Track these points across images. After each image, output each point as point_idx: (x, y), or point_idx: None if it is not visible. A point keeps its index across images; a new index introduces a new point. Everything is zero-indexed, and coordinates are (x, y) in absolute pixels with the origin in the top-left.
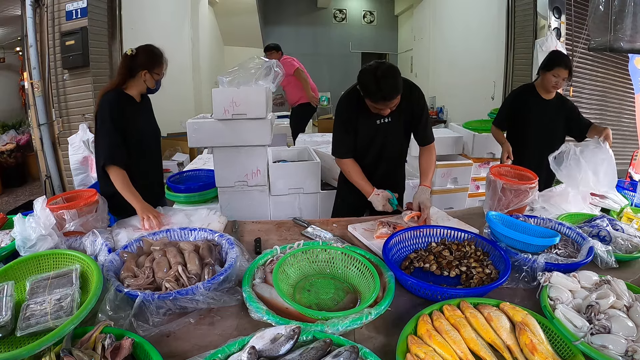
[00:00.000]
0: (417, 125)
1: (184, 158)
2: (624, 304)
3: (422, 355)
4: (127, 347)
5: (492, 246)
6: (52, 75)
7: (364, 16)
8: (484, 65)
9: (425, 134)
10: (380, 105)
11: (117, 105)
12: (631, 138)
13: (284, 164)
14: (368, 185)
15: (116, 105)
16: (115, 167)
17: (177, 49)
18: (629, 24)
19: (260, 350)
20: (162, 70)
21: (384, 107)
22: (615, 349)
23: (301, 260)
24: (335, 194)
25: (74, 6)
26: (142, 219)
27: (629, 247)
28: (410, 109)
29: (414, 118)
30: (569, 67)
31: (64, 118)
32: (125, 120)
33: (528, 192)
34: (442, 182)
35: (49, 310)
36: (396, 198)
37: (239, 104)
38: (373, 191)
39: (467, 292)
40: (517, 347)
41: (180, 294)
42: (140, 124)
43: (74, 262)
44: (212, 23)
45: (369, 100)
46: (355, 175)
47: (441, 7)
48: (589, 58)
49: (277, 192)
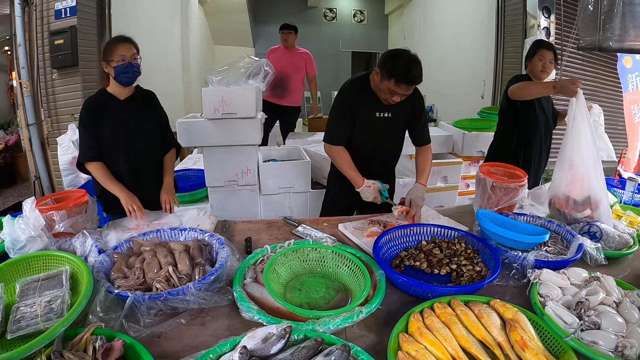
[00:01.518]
0: (416, 124)
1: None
2: (613, 300)
3: (414, 353)
4: (118, 349)
5: (482, 244)
6: (41, 75)
7: (354, 15)
8: (474, 64)
9: (423, 134)
10: (400, 89)
11: (88, 106)
12: (620, 136)
13: (274, 163)
14: (358, 176)
15: (86, 107)
16: (91, 163)
17: (167, 48)
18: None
19: (251, 350)
20: (118, 54)
21: (402, 93)
22: (605, 344)
23: (292, 260)
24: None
25: (63, 5)
26: (127, 210)
27: (619, 244)
28: (412, 107)
29: (414, 117)
30: (553, 49)
31: (52, 118)
32: (100, 120)
33: (517, 190)
34: (432, 181)
35: (40, 313)
36: (387, 190)
37: (229, 103)
38: (364, 182)
39: (457, 289)
40: (507, 343)
41: (171, 295)
42: (119, 121)
43: (63, 263)
44: (202, 22)
45: (392, 83)
46: (345, 165)
47: (431, 7)
48: (578, 57)
49: (268, 192)
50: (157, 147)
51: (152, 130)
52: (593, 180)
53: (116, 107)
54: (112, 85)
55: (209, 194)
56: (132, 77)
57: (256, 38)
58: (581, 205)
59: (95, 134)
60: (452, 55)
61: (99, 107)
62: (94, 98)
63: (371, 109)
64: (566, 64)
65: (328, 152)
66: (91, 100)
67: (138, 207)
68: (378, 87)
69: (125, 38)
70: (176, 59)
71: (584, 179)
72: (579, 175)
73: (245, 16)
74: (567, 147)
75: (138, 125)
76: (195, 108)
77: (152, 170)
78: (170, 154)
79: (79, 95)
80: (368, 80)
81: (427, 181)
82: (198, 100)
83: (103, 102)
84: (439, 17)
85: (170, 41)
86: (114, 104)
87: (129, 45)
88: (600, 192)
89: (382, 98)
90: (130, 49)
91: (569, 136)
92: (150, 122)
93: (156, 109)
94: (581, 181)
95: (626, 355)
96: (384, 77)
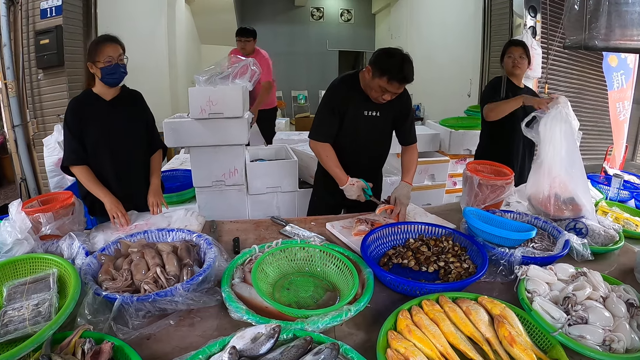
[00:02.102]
0: (403, 123)
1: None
2: (600, 295)
3: (403, 350)
4: (107, 351)
5: (470, 241)
6: (26, 75)
7: (342, 14)
8: (461, 63)
9: (410, 133)
10: (392, 87)
11: (73, 107)
12: (606, 134)
13: (261, 163)
14: (342, 173)
15: (71, 107)
16: (75, 167)
17: (153, 47)
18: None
19: (241, 350)
20: (105, 55)
21: (393, 91)
22: (592, 338)
23: (280, 259)
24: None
25: (49, 4)
26: (111, 216)
27: (605, 239)
28: (399, 107)
29: (402, 116)
30: (521, 44)
31: (38, 119)
32: (84, 121)
33: (504, 187)
34: (419, 179)
35: (27, 316)
36: (371, 188)
37: (215, 102)
38: (347, 180)
39: (445, 286)
40: (496, 339)
41: (159, 296)
42: (105, 122)
43: (51, 266)
44: (188, 21)
45: (384, 80)
46: (331, 161)
47: (418, 6)
48: (564, 56)
49: (255, 191)
50: (143, 148)
51: (139, 131)
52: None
53: (102, 107)
54: (98, 86)
55: (197, 194)
56: (119, 78)
57: None
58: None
59: (80, 135)
60: (439, 54)
61: (85, 108)
62: (79, 99)
63: (359, 107)
64: (552, 62)
65: (313, 148)
66: (76, 100)
67: (122, 214)
68: (369, 85)
69: (112, 38)
70: (163, 58)
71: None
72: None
73: (232, 15)
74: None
75: (124, 125)
76: (182, 107)
77: (138, 171)
78: (156, 155)
79: (65, 95)
80: (357, 79)
81: (414, 179)
82: (185, 99)
83: (88, 103)
84: (425, 16)
85: (156, 40)
86: (100, 104)
87: (116, 45)
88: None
89: (373, 97)
90: (117, 49)
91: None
92: (137, 122)
93: (143, 110)
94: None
95: (614, 349)
96: (376, 75)
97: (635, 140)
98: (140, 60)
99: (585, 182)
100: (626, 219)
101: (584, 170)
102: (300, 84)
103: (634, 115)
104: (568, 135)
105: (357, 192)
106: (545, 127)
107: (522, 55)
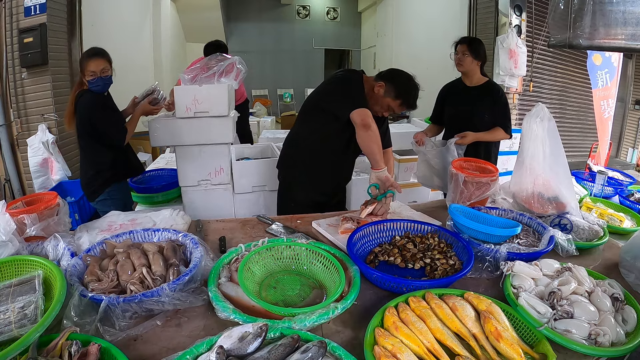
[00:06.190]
0: (379, 127)
1: (146, 157)
2: (585, 289)
3: (390, 347)
4: (94, 353)
5: (455, 238)
6: (9, 74)
7: (328, 12)
8: (446, 61)
9: (385, 137)
10: (398, 110)
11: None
12: (590, 131)
13: (247, 162)
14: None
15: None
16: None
17: (138, 46)
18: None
19: (228, 349)
20: (89, 71)
21: (397, 112)
22: (578, 333)
23: (266, 258)
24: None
25: (33, 2)
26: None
27: (590, 235)
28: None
29: (379, 120)
30: (464, 41)
31: (22, 119)
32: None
33: (489, 184)
34: (405, 177)
35: (13, 319)
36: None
37: (201, 101)
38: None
39: (431, 283)
40: (482, 335)
41: (146, 296)
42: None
43: (36, 268)
44: (174, 19)
45: (397, 104)
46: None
47: (404, 4)
48: (549, 55)
49: (241, 190)
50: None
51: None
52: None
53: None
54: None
55: (182, 194)
56: (103, 87)
57: (229, 35)
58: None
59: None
60: (424, 53)
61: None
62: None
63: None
64: (537, 61)
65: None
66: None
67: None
68: (376, 99)
69: (97, 52)
70: (148, 56)
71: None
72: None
73: (218, 13)
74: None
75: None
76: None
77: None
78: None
79: (49, 95)
80: (361, 85)
81: (399, 177)
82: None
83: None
84: (411, 15)
85: (141, 38)
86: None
87: (99, 59)
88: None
89: (374, 109)
90: (100, 63)
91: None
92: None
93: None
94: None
95: (599, 342)
96: (390, 95)
97: (619, 137)
98: (126, 58)
99: (570, 179)
100: (610, 214)
101: (568, 167)
102: (286, 82)
103: (618, 112)
104: (552, 133)
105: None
106: (528, 124)
107: (464, 52)
